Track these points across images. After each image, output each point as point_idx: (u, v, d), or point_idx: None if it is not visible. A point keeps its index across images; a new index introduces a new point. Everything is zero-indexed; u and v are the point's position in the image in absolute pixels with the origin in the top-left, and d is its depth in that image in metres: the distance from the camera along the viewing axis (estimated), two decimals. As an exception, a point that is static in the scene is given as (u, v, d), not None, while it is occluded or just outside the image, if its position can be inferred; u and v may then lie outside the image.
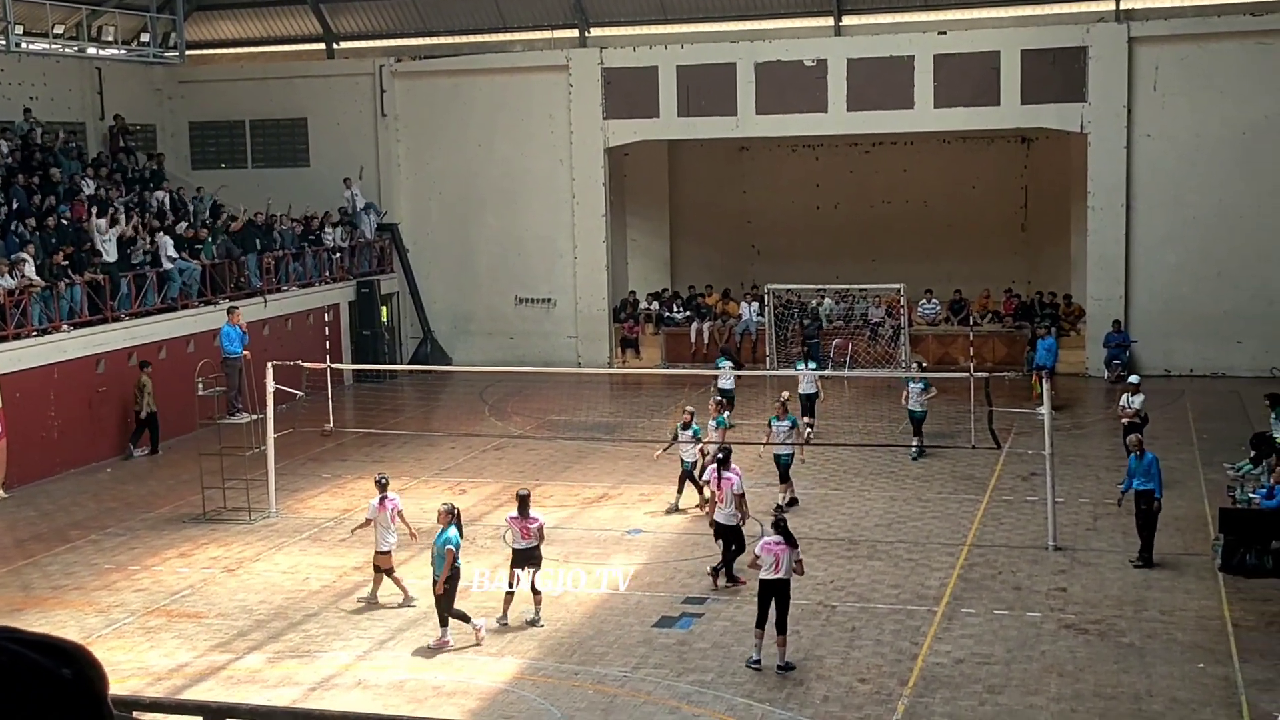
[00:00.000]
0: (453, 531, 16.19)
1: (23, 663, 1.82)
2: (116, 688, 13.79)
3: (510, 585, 16.81)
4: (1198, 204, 32.38)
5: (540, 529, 16.83)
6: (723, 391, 26.52)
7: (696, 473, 21.52)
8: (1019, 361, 32.19)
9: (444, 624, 16.08)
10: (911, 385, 25.13)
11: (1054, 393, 20.97)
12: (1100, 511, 21.24)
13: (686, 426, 21.83)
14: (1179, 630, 16.06)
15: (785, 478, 21.83)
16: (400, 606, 17.64)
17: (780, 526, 15.31)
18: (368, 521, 18.12)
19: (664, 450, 22.81)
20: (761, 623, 15.11)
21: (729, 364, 28.92)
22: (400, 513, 18.11)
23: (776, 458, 21.97)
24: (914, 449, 25.13)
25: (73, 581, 19.22)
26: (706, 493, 20.24)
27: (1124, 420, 23.03)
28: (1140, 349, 32.89)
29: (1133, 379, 24.13)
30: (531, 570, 16.70)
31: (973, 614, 16.75)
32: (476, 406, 31.80)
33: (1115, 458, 24.32)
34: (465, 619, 16.16)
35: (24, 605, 18.25)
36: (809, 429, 26.70)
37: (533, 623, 16.69)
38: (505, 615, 16.80)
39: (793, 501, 21.50)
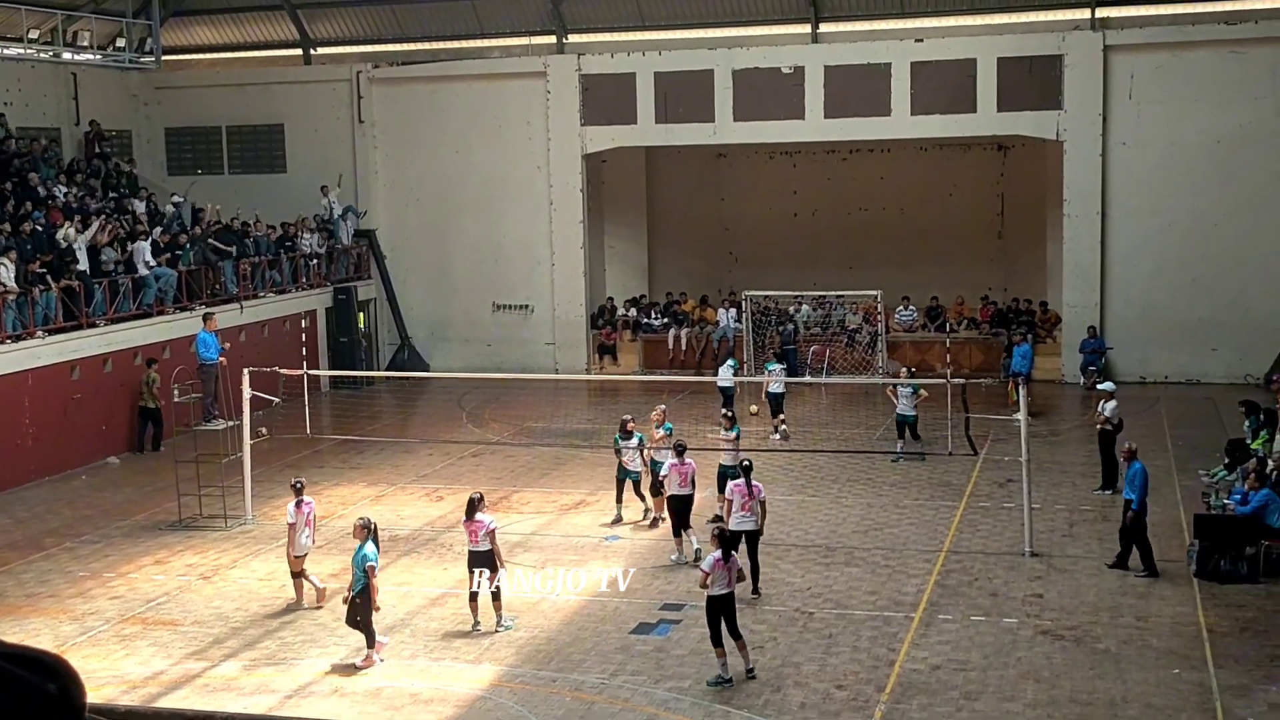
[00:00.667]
0: (370, 548, 15.86)
1: (8, 678, 1.81)
2: (91, 696, 13.71)
3: (471, 587, 16.78)
4: (1173, 212, 32.57)
5: (490, 533, 16.70)
6: (722, 390, 26.76)
7: (644, 482, 21.26)
8: (996, 368, 32.31)
9: (370, 641, 15.89)
10: (901, 389, 25.17)
11: (1030, 399, 21.04)
12: (1076, 518, 21.34)
13: (629, 435, 21.24)
14: (1154, 636, 16.13)
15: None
16: (316, 607, 17.60)
17: (723, 539, 15.23)
18: (291, 526, 17.97)
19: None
20: (718, 639, 15.05)
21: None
22: (315, 518, 18.02)
23: (720, 467, 21.20)
24: (895, 454, 25.17)
25: (47, 589, 19.11)
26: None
27: (1099, 426, 23.12)
28: (1116, 356, 33.05)
29: (1106, 385, 24.22)
30: (486, 573, 16.62)
31: (949, 620, 16.78)
32: (454, 413, 31.75)
33: (1091, 464, 24.41)
34: (370, 640, 15.87)
35: (-3, 613, 18.13)
36: (782, 426, 26.82)
37: (505, 628, 16.67)
38: (477, 621, 16.77)
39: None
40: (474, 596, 16.82)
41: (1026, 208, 36.50)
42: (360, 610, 15.81)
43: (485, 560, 16.69)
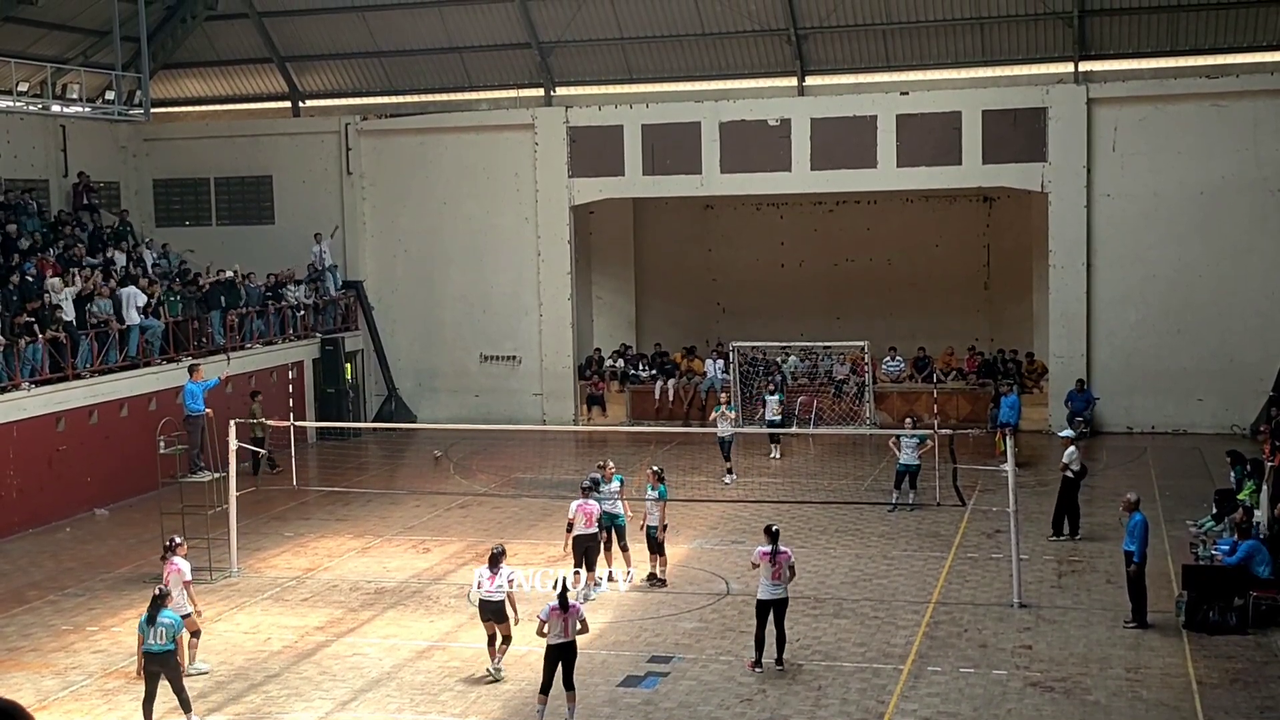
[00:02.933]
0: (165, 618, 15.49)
1: None
2: (73, 752, 13.50)
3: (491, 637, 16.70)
4: (1158, 262, 32.76)
5: (509, 586, 16.65)
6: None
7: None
8: (983, 418, 32.35)
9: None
10: (905, 439, 25.17)
11: (1018, 449, 21.04)
12: (1065, 569, 21.30)
13: (602, 483, 21.01)
14: (1144, 688, 16.07)
15: (658, 550, 20.90)
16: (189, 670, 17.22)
17: (562, 591, 15.22)
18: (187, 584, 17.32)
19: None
20: (547, 687, 15.07)
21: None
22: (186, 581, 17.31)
23: (647, 529, 20.97)
24: (891, 504, 25.14)
25: (29, 643, 18.94)
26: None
27: (1062, 473, 23.21)
28: (1102, 406, 33.12)
29: (1065, 433, 24.41)
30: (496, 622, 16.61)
31: (939, 672, 16.71)
32: (441, 463, 31.65)
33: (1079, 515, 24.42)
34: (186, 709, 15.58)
35: (-21, 667, 17.94)
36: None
37: (495, 674, 16.58)
38: (497, 663, 16.68)
39: (660, 581, 20.72)
40: (491, 640, 16.78)
41: (1012, 258, 36.67)
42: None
43: (498, 611, 16.57)
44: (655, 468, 21.69)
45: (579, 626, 15.19)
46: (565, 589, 15.33)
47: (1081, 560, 21.71)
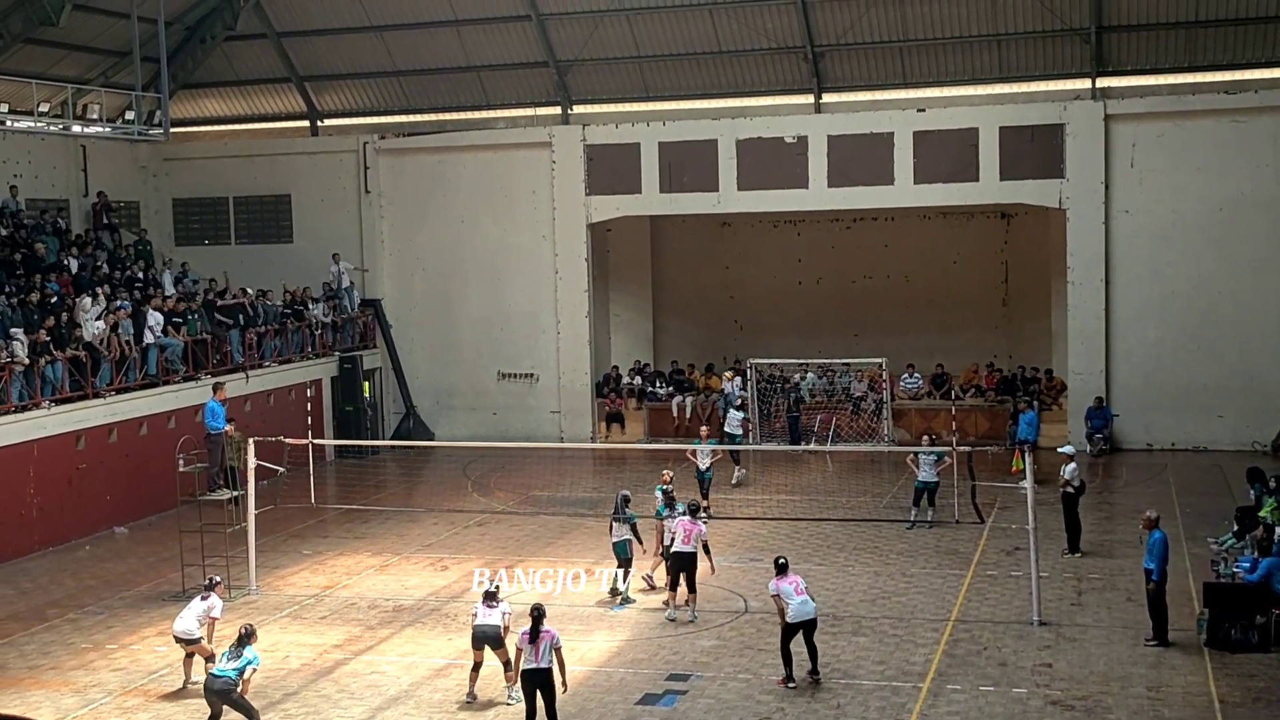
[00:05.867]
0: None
1: None
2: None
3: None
4: (1176, 279, 32.64)
5: (558, 649, 15.75)
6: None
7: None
8: (1001, 435, 32.25)
9: None
10: (923, 456, 25.11)
11: (1036, 466, 20.98)
12: (1085, 586, 21.19)
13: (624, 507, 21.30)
14: (1165, 707, 15.97)
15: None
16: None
17: (534, 617, 15.18)
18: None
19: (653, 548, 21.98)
20: (532, 715, 15.07)
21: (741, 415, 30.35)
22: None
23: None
24: (910, 521, 25.08)
25: (49, 661, 18.99)
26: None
27: (1062, 490, 23.13)
28: (1122, 423, 32.98)
29: (1065, 449, 24.28)
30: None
31: (958, 690, 16.64)
32: (459, 482, 31.67)
33: (1099, 532, 24.35)
34: None
35: (-1, 685, 18.01)
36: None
37: (510, 697, 16.59)
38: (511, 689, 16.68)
39: (626, 599, 20.96)
40: (476, 668, 16.74)
41: (1030, 275, 36.59)
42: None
43: (494, 638, 16.55)
44: (664, 488, 21.94)
45: (552, 655, 15.06)
46: (539, 615, 15.20)
47: (1102, 578, 21.61)
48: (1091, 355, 33.18)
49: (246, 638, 15.75)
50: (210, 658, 17.30)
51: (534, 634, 15.08)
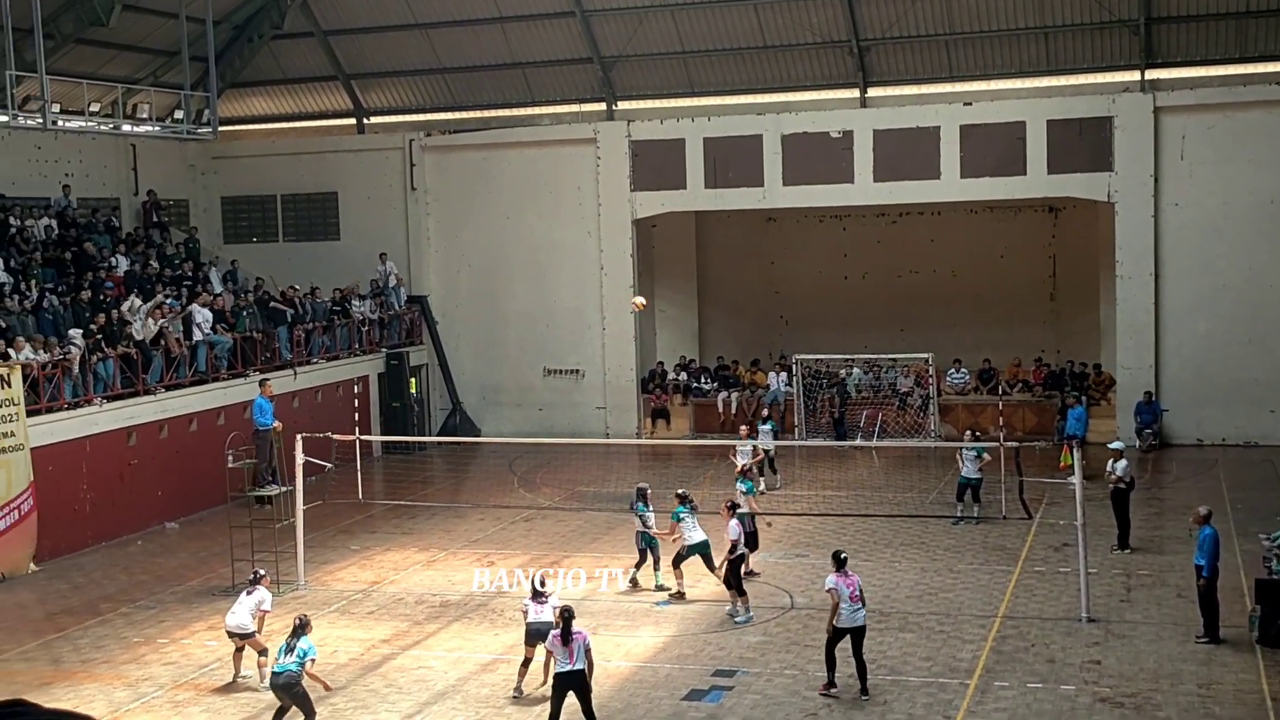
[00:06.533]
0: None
1: None
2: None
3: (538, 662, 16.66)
4: (1226, 271, 32.30)
5: (588, 649, 15.95)
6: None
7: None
8: (1049, 431, 32.03)
9: None
10: (965, 452, 24.99)
11: (1085, 462, 20.81)
12: (1134, 583, 21.03)
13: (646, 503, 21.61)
14: (1216, 704, 15.82)
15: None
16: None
17: (564, 619, 15.11)
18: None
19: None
20: (556, 718, 14.96)
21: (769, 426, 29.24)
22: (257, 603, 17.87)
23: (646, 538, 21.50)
24: (956, 517, 24.95)
25: (102, 655, 19.23)
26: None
27: (1109, 486, 22.93)
28: (1171, 418, 32.68)
29: (1115, 445, 24.04)
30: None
31: (1006, 687, 16.55)
32: (505, 477, 31.79)
33: (1149, 528, 24.16)
34: None
35: (53, 679, 18.24)
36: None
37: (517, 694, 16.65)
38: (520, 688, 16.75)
39: (661, 587, 21.09)
40: (526, 663, 16.78)
41: (1079, 269, 36.33)
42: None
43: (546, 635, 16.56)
44: (681, 491, 21.71)
45: (584, 657, 14.99)
46: (570, 617, 15.16)
47: (1151, 574, 21.43)
48: (1141, 349, 32.89)
49: (301, 628, 15.86)
50: (262, 652, 17.46)
51: (565, 636, 14.98)
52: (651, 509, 21.61)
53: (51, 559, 24.67)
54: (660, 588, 21.26)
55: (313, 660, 15.84)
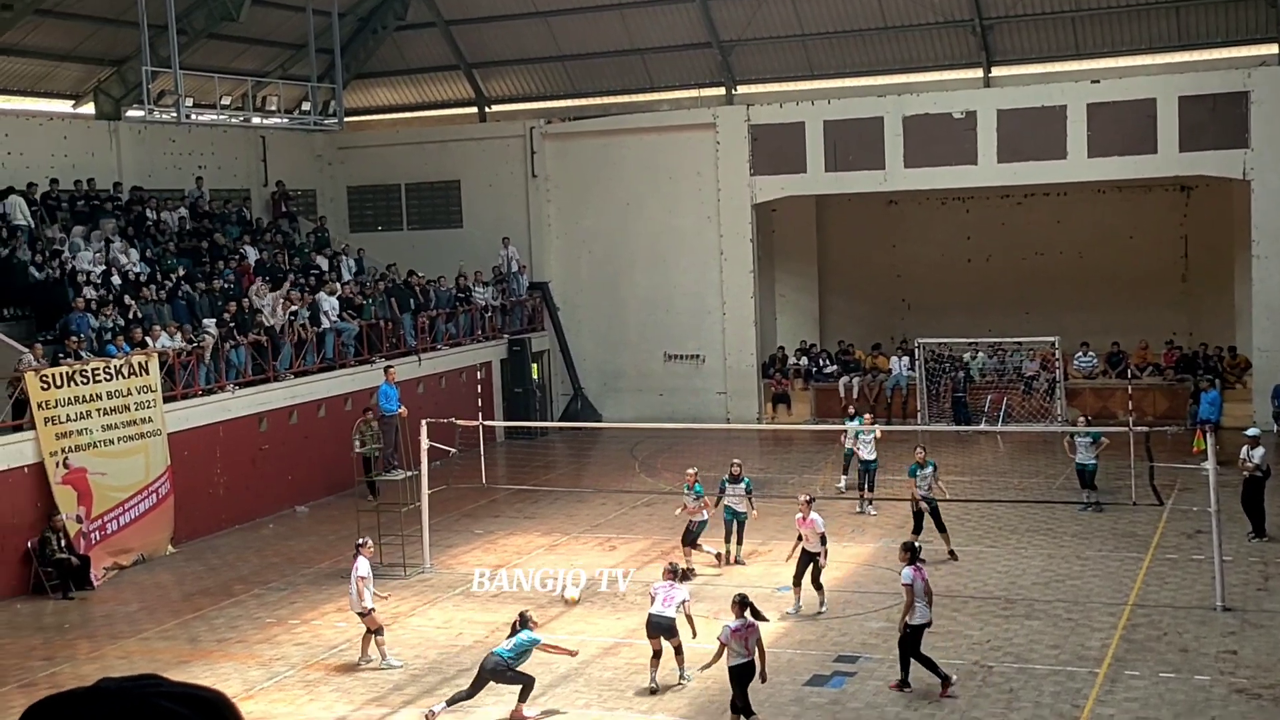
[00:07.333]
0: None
1: (173, 718, 1.88)
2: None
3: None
4: (1369, 251, 31.20)
5: (683, 603, 16.55)
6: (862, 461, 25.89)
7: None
8: (1181, 415, 31.28)
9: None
10: (1079, 439, 24.53)
11: (1219, 447, 20.28)
12: (1272, 571, 20.47)
13: (736, 480, 22.33)
14: (1358, 696, 15.35)
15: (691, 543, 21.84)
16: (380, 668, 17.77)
17: (749, 607, 14.95)
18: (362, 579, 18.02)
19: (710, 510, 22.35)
20: (737, 708, 14.79)
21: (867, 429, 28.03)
22: (358, 577, 17.99)
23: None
24: (1082, 503, 24.50)
25: (236, 634, 19.74)
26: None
27: (1244, 474, 22.25)
28: (1310, 402, 31.67)
29: (1251, 431, 23.29)
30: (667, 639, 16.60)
31: (1137, 677, 16.22)
32: (627, 463, 31.93)
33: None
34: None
35: (191, 657, 18.78)
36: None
37: (685, 680, 16.62)
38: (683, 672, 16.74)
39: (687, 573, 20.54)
40: (656, 656, 16.75)
41: (1212, 249, 35.37)
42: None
43: (668, 629, 16.56)
44: (692, 470, 22.37)
45: (756, 647, 14.93)
46: (754, 610, 15.14)
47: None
48: (1277, 331, 31.91)
49: (523, 623, 16.02)
50: (378, 630, 17.77)
51: (742, 626, 14.90)
52: (742, 483, 22.24)
53: (188, 541, 25.37)
54: (738, 561, 22.02)
55: (535, 646, 15.93)
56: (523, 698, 15.81)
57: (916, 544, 16.97)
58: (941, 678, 15.94)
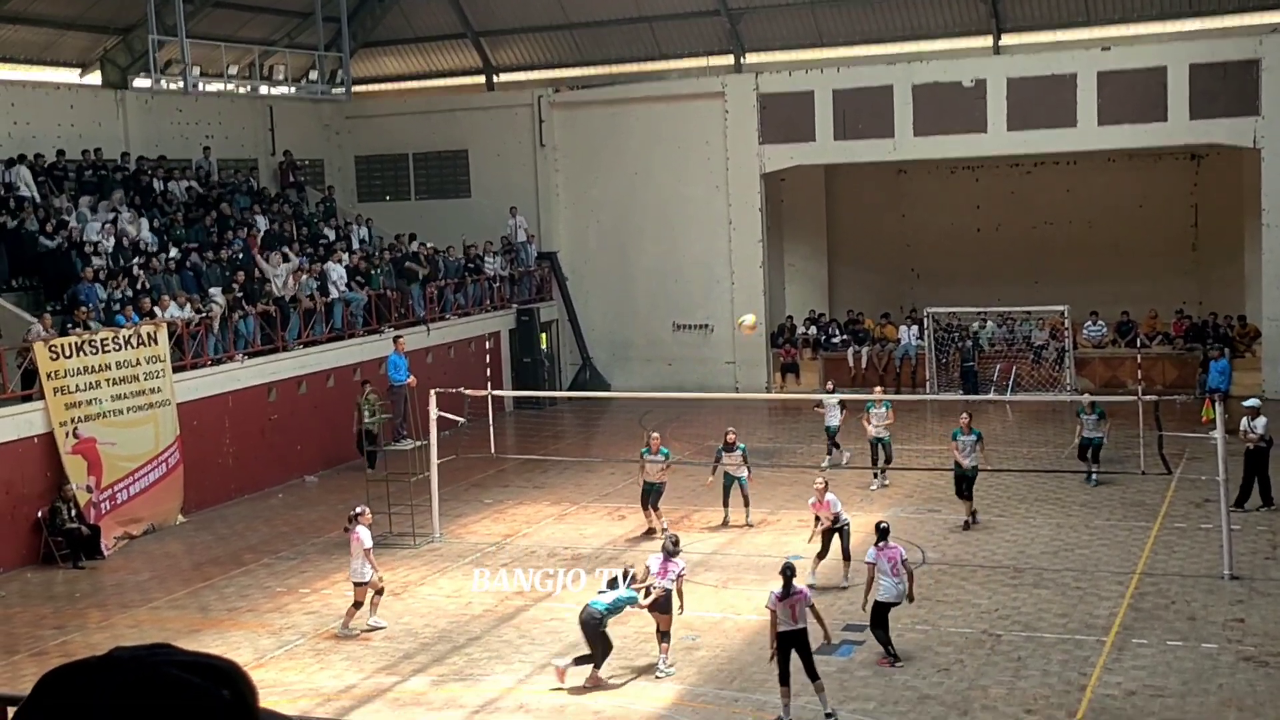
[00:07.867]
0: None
1: (186, 687, 1.88)
2: (288, 708, 14.14)
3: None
4: (1381, 219, 31.07)
5: (679, 576, 16.38)
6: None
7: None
8: (1190, 384, 31.23)
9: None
10: (1085, 416, 24.49)
11: (1228, 416, 20.24)
12: None
13: (730, 448, 22.65)
14: (1366, 664, 15.36)
15: (652, 506, 22.37)
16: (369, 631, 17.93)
17: (785, 574, 14.81)
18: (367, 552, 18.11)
19: (712, 477, 23.14)
20: (784, 678, 14.56)
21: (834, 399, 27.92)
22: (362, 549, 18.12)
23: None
24: (1087, 473, 24.46)
25: (247, 603, 19.83)
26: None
27: (1247, 445, 22.18)
28: (1321, 371, 31.62)
29: (1251, 402, 23.18)
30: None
31: (1145, 645, 16.26)
32: (635, 432, 31.88)
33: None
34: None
35: (201, 626, 18.87)
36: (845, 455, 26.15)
37: (666, 672, 16.39)
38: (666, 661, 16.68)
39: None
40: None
41: (1222, 218, 35.23)
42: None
43: (663, 604, 16.46)
44: (654, 434, 23.04)
45: (806, 615, 14.74)
46: (792, 573, 14.99)
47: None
48: (1288, 301, 31.83)
49: (626, 578, 16.02)
50: (379, 591, 17.91)
51: (786, 593, 14.74)
52: (738, 450, 22.62)
53: (198, 510, 25.46)
54: (748, 525, 22.43)
55: (627, 606, 15.90)
56: (598, 664, 15.73)
57: (884, 524, 16.88)
58: (890, 654, 15.90)
